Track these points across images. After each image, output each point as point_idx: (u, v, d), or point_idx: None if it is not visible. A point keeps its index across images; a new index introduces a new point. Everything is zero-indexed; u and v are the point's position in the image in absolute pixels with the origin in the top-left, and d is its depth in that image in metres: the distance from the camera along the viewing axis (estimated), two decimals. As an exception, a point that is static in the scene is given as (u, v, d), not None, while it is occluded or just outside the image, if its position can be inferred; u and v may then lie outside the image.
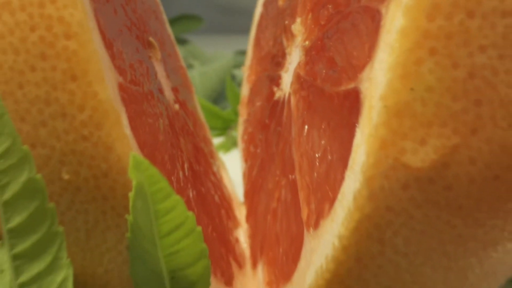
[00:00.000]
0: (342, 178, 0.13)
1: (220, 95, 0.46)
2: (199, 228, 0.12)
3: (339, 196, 0.13)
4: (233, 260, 0.19)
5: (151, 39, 0.19)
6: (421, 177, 0.11)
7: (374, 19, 0.13)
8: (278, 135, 0.19)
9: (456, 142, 0.11)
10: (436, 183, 0.12)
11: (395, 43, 0.11)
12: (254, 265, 0.20)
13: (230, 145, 0.38)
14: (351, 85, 0.13)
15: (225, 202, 0.22)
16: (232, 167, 0.29)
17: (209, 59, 0.53)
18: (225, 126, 0.40)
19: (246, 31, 0.31)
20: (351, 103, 0.13)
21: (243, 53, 0.57)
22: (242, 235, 0.22)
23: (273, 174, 0.19)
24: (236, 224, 0.22)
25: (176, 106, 0.20)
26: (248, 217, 0.22)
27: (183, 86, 0.23)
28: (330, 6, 0.16)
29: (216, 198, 0.21)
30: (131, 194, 0.11)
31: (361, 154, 0.12)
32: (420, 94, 0.11)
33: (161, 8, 0.23)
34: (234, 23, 0.84)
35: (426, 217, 0.12)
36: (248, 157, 0.24)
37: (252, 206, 0.22)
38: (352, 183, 0.12)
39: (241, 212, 0.24)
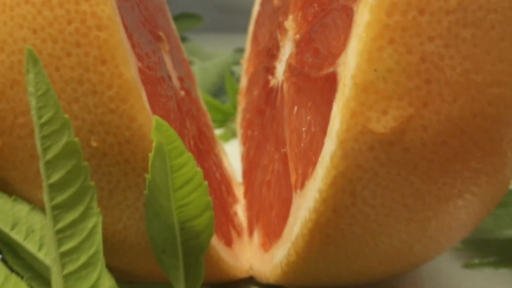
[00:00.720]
0: (322, 144, 0.16)
1: (220, 90, 0.49)
2: (205, 183, 0.15)
3: (320, 159, 0.16)
4: (232, 228, 0.22)
5: (160, 33, 0.22)
6: (383, 140, 0.14)
7: (349, 16, 0.16)
8: (273, 118, 0.22)
9: (411, 113, 0.14)
10: (395, 145, 0.15)
11: (363, 34, 0.14)
12: (251, 233, 0.23)
13: (229, 135, 0.41)
14: (330, 69, 0.16)
15: (225, 180, 0.25)
16: (231, 156, 0.32)
17: (208, 57, 0.56)
18: (224, 119, 0.43)
19: (244, 29, 0.34)
20: (330, 84, 0.16)
21: (241, 50, 0.60)
22: (240, 210, 0.25)
23: (268, 151, 0.22)
24: (235, 200, 0.25)
25: (182, 93, 0.23)
26: (246, 193, 0.25)
27: (187, 77, 0.26)
28: (316, 5, 0.19)
29: (217, 175, 0.24)
30: (151, 154, 0.14)
31: (336, 123, 0.15)
32: (382, 74, 0.14)
33: (166, 6, 0.26)
34: (233, 22, 0.87)
35: (388, 174, 0.15)
36: (246, 140, 0.27)
37: (249, 183, 0.25)
38: (329, 146, 0.15)
39: (239, 191, 0.26)
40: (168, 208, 0.15)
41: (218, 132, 0.40)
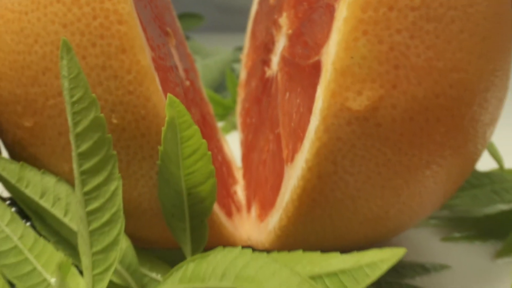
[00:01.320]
0: (308, 121, 0.18)
1: (220, 86, 0.52)
2: (209, 153, 0.18)
3: (306, 134, 0.18)
4: (232, 203, 0.25)
5: (168, 29, 0.25)
6: (359, 116, 0.17)
7: (331, 12, 0.19)
8: (268, 104, 0.25)
9: (382, 93, 0.17)
10: (369, 121, 0.17)
11: (341, 27, 0.17)
12: (249, 209, 0.26)
13: (229, 128, 0.44)
14: (316, 58, 0.19)
15: (226, 163, 0.28)
16: (231, 146, 0.34)
17: (209, 54, 0.59)
18: (225, 113, 0.46)
19: (243, 29, 0.36)
20: (316, 70, 0.19)
21: (241, 49, 0.63)
22: (239, 190, 0.28)
23: (264, 134, 0.25)
24: (235, 181, 0.28)
25: (187, 82, 0.26)
26: (245, 175, 0.28)
27: (191, 70, 0.29)
28: (305, 4, 0.22)
29: (219, 158, 0.27)
30: (163, 128, 0.17)
31: (319, 102, 0.18)
32: (357, 60, 0.17)
33: (171, 5, 0.29)
34: (232, 21, 0.90)
35: (364, 145, 0.18)
36: (245, 127, 0.30)
37: (247, 165, 0.28)
38: (314, 122, 0.18)
39: (239, 174, 0.29)
40: (177, 175, 0.18)
41: (219, 124, 0.43)
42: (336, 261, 0.17)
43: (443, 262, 0.25)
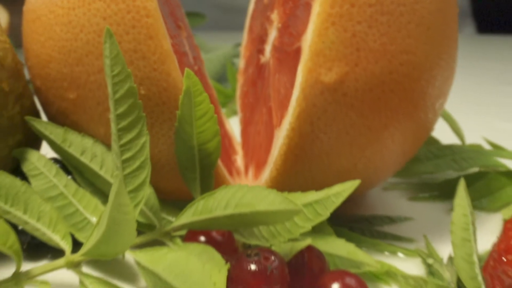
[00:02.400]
0: (291, 93, 0.24)
1: (222, 77, 0.58)
2: (215, 116, 0.23)
3: (290, 103, 0.24)
4: (232, 166, 0.31)
5: (180, 23, 0.31)
6: (329, 88, 0.23)
7: (309, 9, 0.24)
8: (262, 86, 0.31)
9: (347, 70, 0.23)
10: (337, 91, 0.23)
11: (315, 19, 0.23)
12: (246, 173, 0.31)
13: (230, 113, 0.50)
14: (298, 44, 0.25)
15: (227, 136, 0.34)
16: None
17: (211, 50, 0.64)
18: (226, 101, 0.52)
19: (242, 27, 0.41)
20: (298, 54, 0.25)
21: (240, 45, 0.69)
22: (239, 159, 0.34)
23: (259, 110, 0.31)
24: (235, 152, 0.34)
25: (196, 67, 0.31)
26: (243, 146, 0.34)
27: (198, 58, 0.35)
28: (291, 2, 0.28)
29: (222, 131, 0.33)
30: (181, 96, 0.23)
31: (299, 77, 0.23)
32: (328, 45, 0.23)
33: (181, 4, 0.35)
34: (232, 20, 0.96)
35: (334, 110, 0.24)
36: (244, 107, 0.36)
37: (245, 137, 0.33)
38: (295, 93, 0.24)
39: (238, 147, 0.35)
40: (190, 134, 0.24)
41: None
42: (311, 195, 0.23)
43: (408, 216, 0.31)
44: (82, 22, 0.24)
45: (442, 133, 0.40)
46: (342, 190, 0.22)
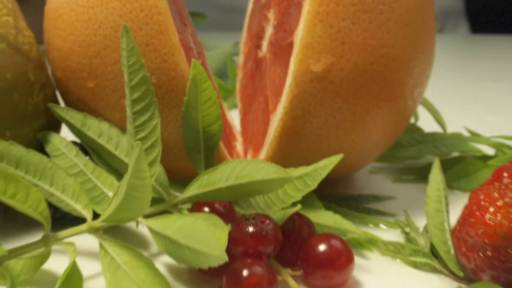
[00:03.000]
0: (285, 82, 0.28)
1: (222, 74, 0.62)
2: (218, 101, 0.27)
3: (284, 90, 0.28)
4: (232, 150, 0.34)
5: (185, 21, 0.34)
6: (318, 76, 0.27)
7: (300, 8, 0.28)
8: (260, 78, 0.35)
9: (333, 61, 0.27)
10: (325, 79, 0.27)
11: (305, 17, 0.26)
12: (245, 156, 0.35)
13: (230, 107, 0.53)
14: (291, 39, 0.28)
15: (228, 124, 0.37)
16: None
17: (212, 48, 0.68)
18: (226, 96, 0.56)
19: (241, 27, 0.45)
20: (290, 47, 0.28)
21: (240, 43, 0.73)
22: (238, 145, 0.37)
23: (257, 99, 0.34)
24: (234, 138, 0.37)
25: (200, 61, 0.35)
26: (242, 133, 0.37)
27: (201, 53, 0.38)
28: (285, 2, 0.31)
29: (223, 119, 0.36)
30: (188, 83, 0.26)
31: (292, 67, 0.27)
32: (316, 39, 0.26)
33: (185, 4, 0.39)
34: (232, 20, 0.99)
35: (322, 96, 0.27)
36: (243, 98, 0.39)
37: (244, 125, 0.37)
38: (288, 81, 0.27)
39: (238, 135, 0.39)
40: (196, 118, 0.28)
41: (221, 104, 0.52)
42: (301, 169, 0.26)
43: (392, 195, 0.34)
44: (101, 19, 0.28)
45: (426, 122, 0.43)
46: (328, 163, 0.25)
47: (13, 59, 0.28)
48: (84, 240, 0.27)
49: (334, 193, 0.34)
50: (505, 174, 0.25)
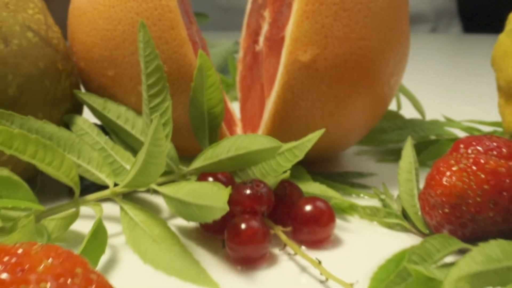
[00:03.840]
0: (277, 71, 0.33)
1: (224, 70, 0.67)
2: (220, 86, 0.32)
3: (277, 78, 0.33)
4: (233, 133, 0.39)
5: (191, 19, 0.39)
6: (305, 65, 0.32)
7: (290, 7, 0.33)
8: (257, 69, 0.40)
9: (318, 52, 0.32)
10: (311, 68, 0.32)
11: (294, 15, 0.32)
12: (244, 139, 0.40)
13: (231, 100, 0.58)
14: (282, 34, 0.33)
15: (229, 111, 0.42)
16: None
17: (214, 46, 0.73)
18: (228, 89, 0.61)
19: (240, 27, 0.50)
20: (282, 41, 0.33)
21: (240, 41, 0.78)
22: (238, 130, 0.42)
23: (254, 87, 0.39)
24: (235, 124, 0.42)
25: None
26: (242, 119, 0.42)
27: (205, 49, 0.43)
28: (278, 2, 0.36)
29: (225, 106, 0.41)
30: (195, 71, 0.31)
31: (283, 58, 0.32)
32: (303, 33, 0.31)
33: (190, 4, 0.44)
34: (232, 21, 1.04)
35: (309, 82, 0.32)
36: (242, 89, 0.44)
37: (244, 111, 0.42)
38: (280, 69, 0.32)
39: (238, 121, 0.44)
40: (201, 101, 0.33)
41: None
42: (291, 143, 0.31)
43: (374, 172, 0.39)
44: (120, 16, 0.33)
45: (407, 111, 0.48)
46: (312, 137, 0.30)
47: (45, 51, 0.33)
48: (105, 207, 0.32)
49: (322, 170, 0.39)
50: (461, 146, 0.30)
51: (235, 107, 0.50)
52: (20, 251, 0.18)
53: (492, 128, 0.42)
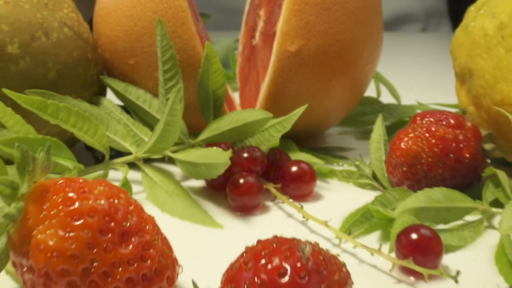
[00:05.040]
0: (270, 60, 0.40)
1: (225, 64, 0.74)
2: (224, 71, 0.39)
3: (269, 65, 0.40)
4: (233, 114, 0.47)
5: (198, 17, 0.47)
6: (293, 54, 0.39)
7: (281, 7, 0.41)
8: (254, 59, 0.47)
9: (303, 43, 0.39)
10: (297, 56, 0.39)
11: (283, 13, 0.39)
12: (243, 119, 0.48)
13: (232, 90, 0.66)
14: (274, 29, 0.41)
15: (229, 97, 0.50)
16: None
17: (215, 43, 0.81)
18: (228, 81, 0.68)
19: (239, 27, 0.58)
20: (274, 35, 0.41)
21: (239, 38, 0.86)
22: (237, 113, 0.50)
23: (251, 75, 0.47)
24: (235, 108, 0.50)
25: (208, 47, 0.48)
26: (241, 104, 0.50)
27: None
28: (272, 3, 0.44)
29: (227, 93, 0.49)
30: (203, 59, 0.39)
31: (275, 48, 0.40)
32: (291, 28, 0.39)
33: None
34: (232, 21, 1.12)
35: (296, 68, 0.40)
36: (241, 78, 0.52)
37: (242, 96, 0.50)
38: (272, 58, 0.40)
39: (238, 107, 0.51)
40: (207, 84, 0.40)
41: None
42: (281, 118, 0.39)
43: (354, 147, 0.47)
44: (140, 15, 0.41)
45: (386, 98, 0.56)
46: (298, 111, 0.38)
47: (77, 43, 0.41)
48: (129, 174, 0.40)
49: (307, 146, 0.47)
50: (418, 118, 0.37)
51: (235, 97, 0.58)
52: (81, 180, 0.26)
53: (455, 110, 0.49)
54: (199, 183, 0.40)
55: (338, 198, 0.38)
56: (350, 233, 0.30)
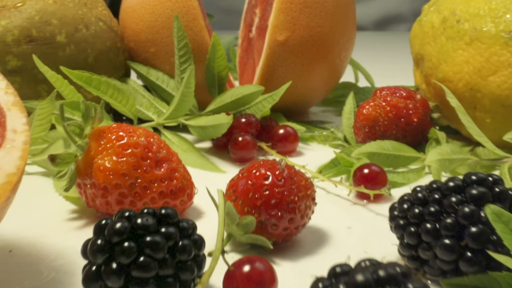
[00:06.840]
0: (263, 48, 0.52)
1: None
2: (226, 55, 0.51)
3: (262, 52, 0.52)
4: (234, 94, 0.59)
5: (205, 15, 0.59)
6: (281, 43, 0.51)
7: (272, 5, 0.52)
8: (251, 49, 0.59)
9: (289, 34, 0.51)
10: (285, 45, 0.51)
11: (274, 10, 0.51)
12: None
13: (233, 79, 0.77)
14: (267, 23, 0.53)
15: (230, 81, 0.62)
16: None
17: (218, 40, 0.93)
18: (230, 72, 0.80)
19: (238, 27, 0.70)
20: (266, 28, 0.53)
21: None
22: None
23: (248, 62, 0.59)
24: (235, 90, 0.62)
25: (213, 39, 0.59)
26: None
27: (213, 36, 0.63)
28: (265, 2, 0.56)
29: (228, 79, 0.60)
30: (210, 47, 0.51)
31: (266, 39, 0.51)
32: (279, 22, 0.51)
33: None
34: (232, 21, 1.24)
35: (284, 55, 0.51)
36: (240, 65, 0.64)
37: (241, 80, 0.61)
38: (264, 47, 0.52)
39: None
40: (213, 67, 0.52)
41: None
42: (271, 93, 0.50)
43: (333, 122, 0.59)
44: (160, 12, 0.53)
45: (362, 83, 0.68)
46: (284, 87, 0.49)
47: (110, 35, 0.53)
48: (151, 133, 0.52)
49: (295, 119, 0.58)
50: (378, 91, 0.49)
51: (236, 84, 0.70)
52: (127, 126, 0.37)
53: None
54: (207, 144, 0.52)
55: (316, 155, 0.49)
56: (321, 172, 0.42)
